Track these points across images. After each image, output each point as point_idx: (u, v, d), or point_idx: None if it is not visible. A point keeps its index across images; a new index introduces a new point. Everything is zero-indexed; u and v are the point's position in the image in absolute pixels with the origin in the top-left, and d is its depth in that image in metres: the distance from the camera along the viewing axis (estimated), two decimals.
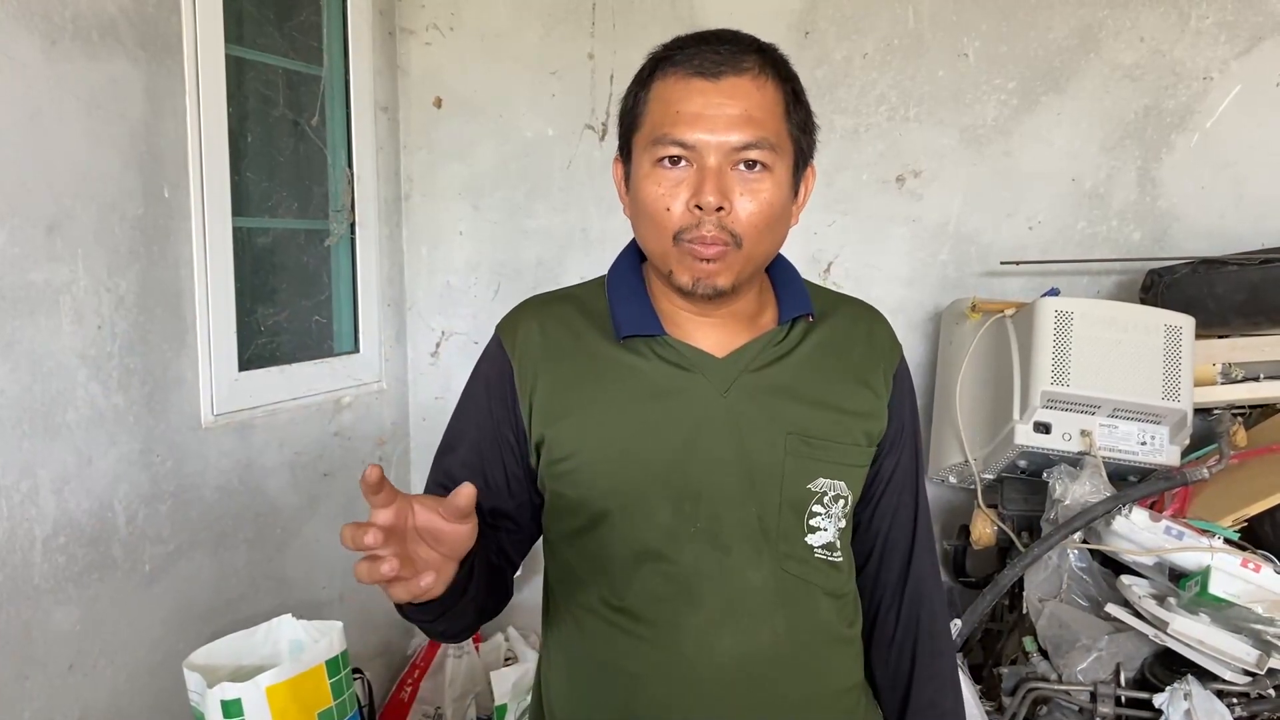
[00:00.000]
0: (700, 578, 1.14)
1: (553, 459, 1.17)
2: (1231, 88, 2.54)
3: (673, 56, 1.11)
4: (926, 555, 1.30)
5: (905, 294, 2.78)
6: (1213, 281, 2.30)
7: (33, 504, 1.78)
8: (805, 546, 1.17)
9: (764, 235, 1.11)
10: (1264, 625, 1.84)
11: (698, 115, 1.07)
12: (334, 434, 2.63)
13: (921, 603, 1.29)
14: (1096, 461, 2.11)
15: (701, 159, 1.07)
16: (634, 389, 1.16)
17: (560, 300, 1.26)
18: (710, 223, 1.07)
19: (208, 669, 1.90)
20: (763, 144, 1.08)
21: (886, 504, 1.27)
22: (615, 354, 1.18)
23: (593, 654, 1.19)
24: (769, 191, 1.09)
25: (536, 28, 2.86)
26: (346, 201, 2.70)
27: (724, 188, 1.07)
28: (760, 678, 1.15)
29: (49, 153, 1.79)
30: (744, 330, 1.20)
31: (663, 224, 1.09)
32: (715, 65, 1.08)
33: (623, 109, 1.18)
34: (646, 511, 1.14)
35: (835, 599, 1.21)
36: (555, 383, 1.17)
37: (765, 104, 1.09)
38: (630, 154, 1.16)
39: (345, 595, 2.70)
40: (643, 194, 1.11)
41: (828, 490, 1.17)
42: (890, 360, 1.26)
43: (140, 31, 1.98)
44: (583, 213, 2.90)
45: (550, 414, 1.16)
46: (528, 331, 1.21)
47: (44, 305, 1.79)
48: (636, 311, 1.18)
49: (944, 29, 2.67)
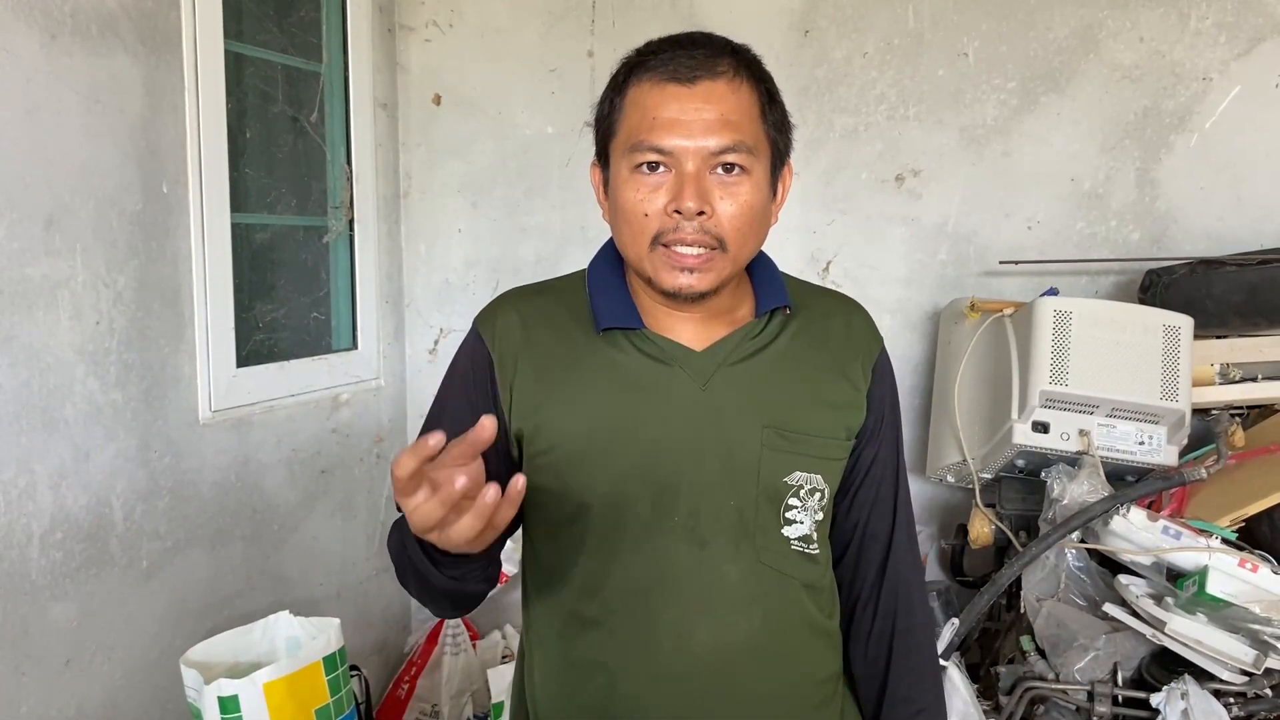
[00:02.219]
0: (678, 571, 1.15)
1: (532, 451, 1.17)
2: (1231, 89, 2.54)
3: (646, 62, 1.12)
4: (906, 547, 1.29)
5: (904, 293, 2.78)
6: (1211, 282, 2.30)
7: (30, 499, 1.78)
8: (781, 539, 1.18)
9: (747, 237, 1.12)
10: (1261, 625, 1.84)
11: (674, 121, 1.08)
12: (332, 431, 2.63)
13: (899, 595, 1.28)
14: (1094, 461, 2.11)
15: (679, 164, 1.08)
16: (613, 382, 1.16)
17: (539, 293, 1.26)
18: (690, 226, 1.07)
19: (205, 665, 1.90)
20: (740, 147, 1.08)
21: (865, 495, 1.27)
22: (594, 347, 1.18)
23: (570, 648, 1.20)
24: (748, 194, 1.10)
25: (536, 25, 2.86)
26: (345, 198, 2.69)
27: (703, 192, 1.07)
28: (736, 670, 1.16)
29: (48, 148, 1.79)
30: (722, 324, 1.20)
31: (640, 229, 1.10)
32: (690, 70, 1.08)
33: (598, 115, 1.18)
34: (625, 505, 1.15)
35: (812, 591, 1.22)
36: (535, 375, 1.17)
37: (741, 107, 1.10)
38: (608, 159, 1.16)
39: (342, 592, 2.70)
40: (621, 199, 1.11)
41: (804, 484, 1.18)
42: (870, 352, 1.26)
43: (139, 27, 1.98)
44: (581, 210, 2.90)
45: (530, 406, 1.17)
46: (507, 323, 1.21)
47: (42, 300, 1.78)
48: (616, 305, 1.19)
49: (944, 28, 2.67)
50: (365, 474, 2.78)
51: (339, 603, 2.66)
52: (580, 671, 1.19)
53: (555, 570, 1.20)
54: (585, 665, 1.19)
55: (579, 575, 1.18)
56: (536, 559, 1.24)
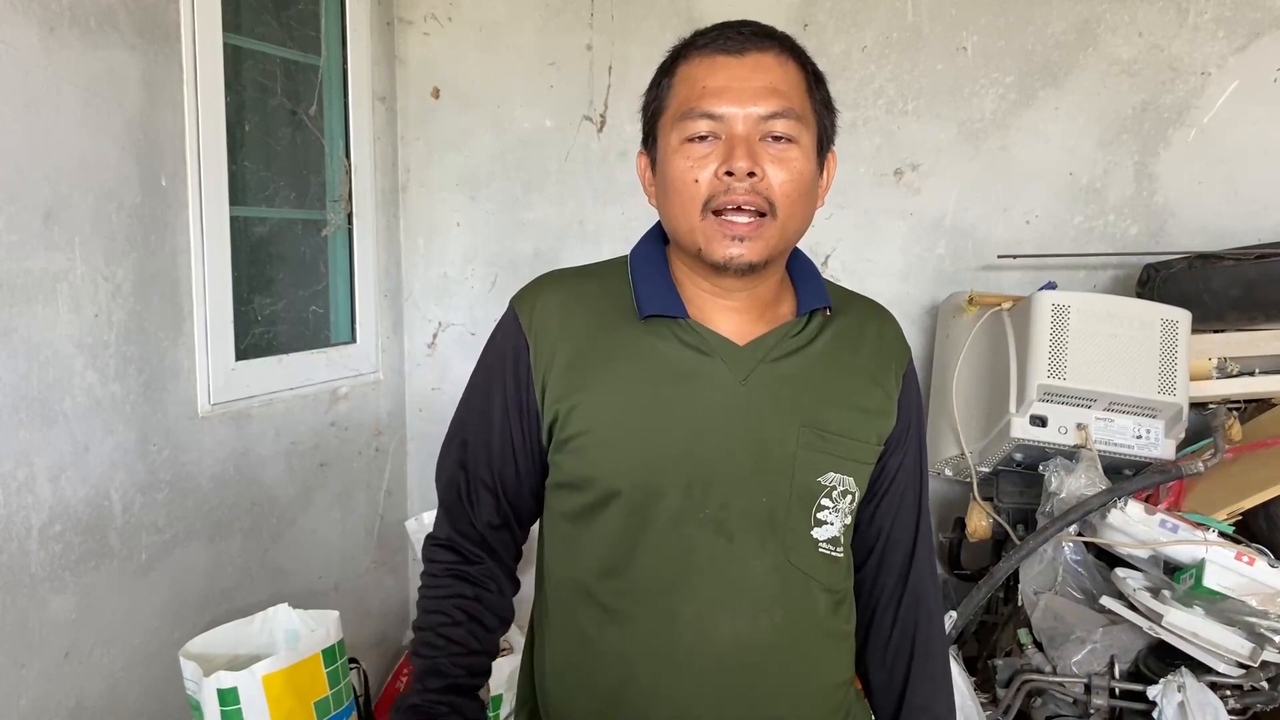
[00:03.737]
0: (703, 564, 1.13)
1: (565, 435, 1.16)
2: (1229, 83, 2.55)
3: (695, 42, 1.14)
4: (926, 556, 1.29)
5: (902, 288, 2.78)
6: (1209, 276, 2.30)
7: (29, 492, 1.78)
8: (810, 540, 1.17)
9: (796, 206, 1.12)
10: (1257, 618, 1.85)
11: (724, 88, 1.09)
12: (330, 424, 2.63)
13: (919, 604, 1.28)
14: (1092, 455, 2.11)
15: (730, 129, 1.08)
16: (653, 370, 1.15)
17: (580, 277, 1.25)
18: (741, 188, 1.07)
19: (204, 658, 1.90)
20: (789, 114, 1.09)
21: (889, 502, 1.26)
22: (635, 334, 1.17)
23: (587, 637, 1.18)
24: (799, 161, 1.10)
25: (535, 19, 2.86)
26: (344, 192, 2.69)
27: (754, 154, 1.08)
28: (754, 668, 1.15)
29: (46, 141, 1.79)
30: (763, 318, 1.19)
31: (691, 196, 1.10)
32: (739, 43, 1.10)
33: (646, 101, 1.19)
34: (656, 494, 1.13)
35: (832, 595, 1.21)
36: (571, 360, 1.16)
37: (789, 79, 1.11)
38: (655, 141, 1.16)
39: (341, 585, 2.70)
40: (670, 170, 1.12)
41: (837, 485, 1.17)
42: (901, 359, 1.26)
43: (138, 20, 1.98)
44: (580, 205, 2.90)
45: (565, 391, 1.15)
46: (546, 307, 1.19)
47: (41, 293, 1.78)
48: (660, 292, 1.17)
49: (942, 23, 2.67)
50: (364, 467, 2.78)
51: (338, 595, 2.67)
52: (596, 659, 1.18)
53: (578, 555, 1.19)
54: (602, 653, 1.17)
55: (603, 561, 1.16)
56: (558, 543, 1.22)
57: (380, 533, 2.85)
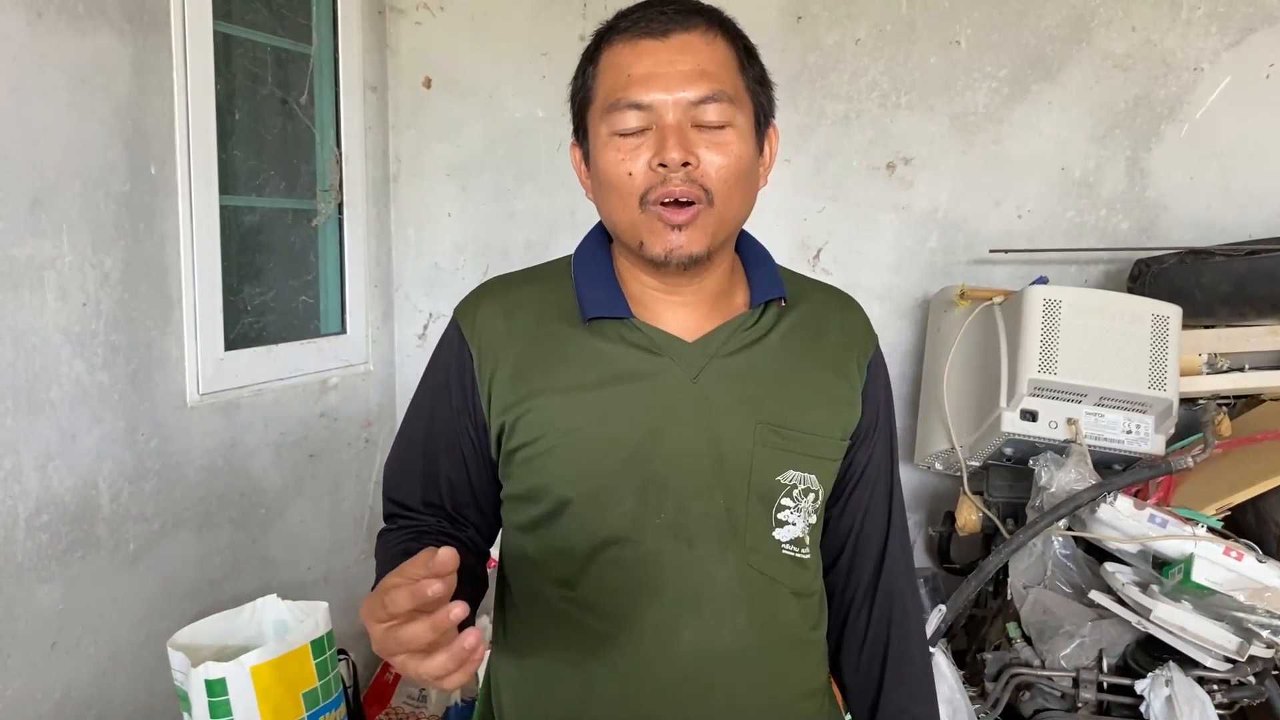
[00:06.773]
0: (662, 570, 1.09)
1: (513, 446, 1.11)
2: (1221, 79, 2.55)
3: (616, 25, 1.09)
4: (900, 553, 1.24)
5: (893, 281, 2.78)
6: (1200, 272, 2.31)
7: (16, 481, 1.77)
8: (772, 541, 1.12)
9: (734, 191, 1.06)
10: (1245, 613, 1.86)
11: (650, 75, 1.04)
12: (320, 415, 2.62)
13: (894, 603, 1.23)
14: (1082, 449, 2.12)
15: (660, 118, 1.04)
16: (599, 373, 1.10)
17: (523, 282, 1.21)
18: (677, 178, 1.03)
19: (192, 649, 1.89)
20: (720, 96, 1.04)
21: (859, 498, 1.22)
22: (580, 337, 1.12)
23: (547, 650, 1.14)
24: (735, 144, 1.05)
25: (527, 8, 2.84)
26: (334, 181, 2.68)
27: (686, 142, 1.03)
28: (719, 677, 1.10)
29: (33, 127, 1.77)
30: (714, 312, 1.15)
31: (626, 190, 1.05)
32: (662, 25, 1.05)
33: (573, 89, 1.15)
34: (610, 500, 1.09)
35: (801, 598, 1.16)
36: (517, 367, 1.12)
37: (717, 58, 1.06)
38: (586, 133, 1.13)
39: (330, 576, 2.69)
40: (603, 164, 1.08)
41: (798, 483, 1.12)
42: (865, 348, 1.21)
43: (127, 6, 1.96)
44: (570, 195, 2.89)
45: (510, 401, 1.11)
46: (489, 316, 1.15)
47: (28, 281, 1.77)
48: (603, 293, 1.13)
49: (936, 16, 2.67)
50: (353, 458, 2.77)
51: (327, 586, 2.66)
52: (556, 673, 1.13)
53: (534, 566, 1.15)
54: (562, 667, 1.13)
55: (559, 572, 1.12)
56: (515, 555, 1.18)
57: (369, 524, 2.84)
